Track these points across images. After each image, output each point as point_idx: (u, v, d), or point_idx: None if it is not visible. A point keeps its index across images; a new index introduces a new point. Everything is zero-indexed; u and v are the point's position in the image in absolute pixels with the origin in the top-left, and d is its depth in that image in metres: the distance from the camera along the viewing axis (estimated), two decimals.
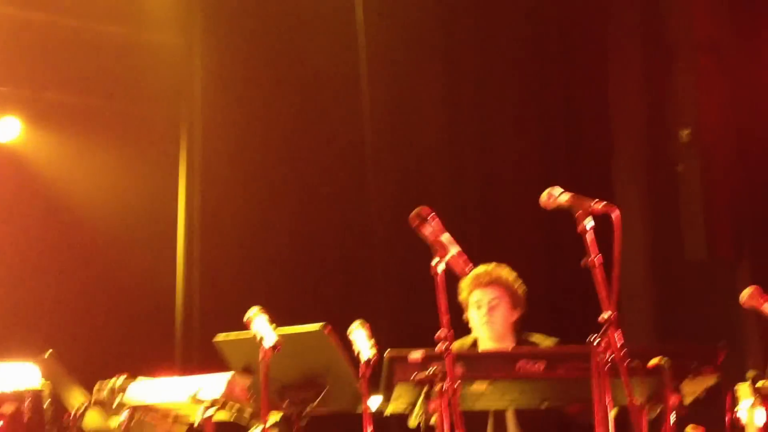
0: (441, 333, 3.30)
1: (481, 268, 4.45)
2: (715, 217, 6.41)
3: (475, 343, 4.51)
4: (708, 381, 3.82)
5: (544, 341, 4.48)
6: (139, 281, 6.77)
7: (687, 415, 3.73)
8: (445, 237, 3.32)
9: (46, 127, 6.99)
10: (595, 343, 3.13)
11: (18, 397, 4.58)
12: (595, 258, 3.17)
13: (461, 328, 4.46)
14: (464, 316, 4.52)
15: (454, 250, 3.31)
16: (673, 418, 3.57)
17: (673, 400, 3.59)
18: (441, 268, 3.31)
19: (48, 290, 6.55)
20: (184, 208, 6.76)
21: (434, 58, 6.89)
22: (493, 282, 4.42)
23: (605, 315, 3.12)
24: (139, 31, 6.98)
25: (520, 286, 4.52)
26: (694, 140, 6.50)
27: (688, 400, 3.74)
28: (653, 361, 3.58)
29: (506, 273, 4.50)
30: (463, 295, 4.49)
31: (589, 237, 3.21)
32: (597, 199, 3.28)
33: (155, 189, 7.02)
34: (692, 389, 3.80)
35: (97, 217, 6.96)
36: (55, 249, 6.77)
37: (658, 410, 3.69)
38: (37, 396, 4.61)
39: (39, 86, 6.88)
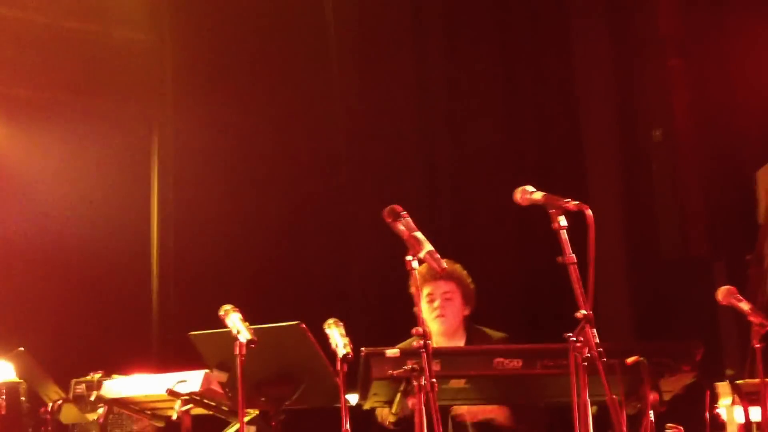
0: (417, 329, 3.29)
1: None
2: (690, 215, 6.46)
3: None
4: (686, 379, 3.84)
5: (494, 335, 4.49)
6: (114, 278, 6.71)
7: (666, 413, 3.75)
8: (419, 234, 3.32)
9: (16, 124, 6.91)
10: (572, 341, 3.13)
11: None
12: (569, 255, 3.18)
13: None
14: (414, 310, 4.48)
15: (427, 246, 3.30)
16: (651, 416, 3.58)
17: (651, 397, 3.60)
18: (415, 264, 3.31)
19: (21, 287, 6.47)
20: (157, 204, 6.72)
21: (405, 52, 6.89)
22: (446, 276, 4.40)
23: (581, 312, 3.12)
24: (109, 27, 6.94)
25: (471, 283, 4.52)
26: (667, 139, 6.54)
27: (666, 398, 3.76)
28: (631, 359, 3.60)
29: (459, 268, 4.50)
30: (413, 289, 4.46)
31: (563, 235, 3.22)
32: (570, 198, 3.29)
33: (128, 185, 6.96)
34: (670, 387, 3.82)
35: (70, 213, 6.90)
36: (28, 246, 6.69)
37: (637, 408, 3.71)
38: (13, 390, 4.58)
39: (9, 83, 6.81)
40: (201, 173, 6.66)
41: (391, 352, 3.64)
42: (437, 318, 4.47)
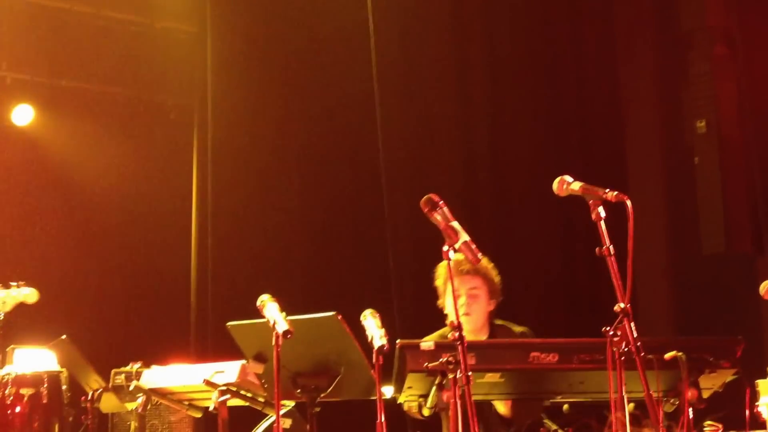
0: (452, 321, 3.27)
1: (460, 256, 4.35)
2: (733, 210, 6.34)
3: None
4: (726, 376, 3.77)
5: (515, 329, 4.44)
6: (154, 269, 6.80)
7: (705, 410, 3.69)
8: (455, 224, 3.29)
9: (60, 113, 7.01)
10: (609, 335, 3.08)
11: (37, 379, 4.63)
12: (608, 247, 3.12)
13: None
14: (438, 302, 4.46)
15: (464, 236, 3.27)
16: (690, 413, 3.52)
17: (690, 394, 3.54)
18: (452, 254, 3.28)
19: (64, 277, 6.58)
20: (197, 195, 6.76)
21: (445, 44, 6.84)
22: (473, 271, 4.34)
23: (620, 306, 3.07)
24: (151, 18, 6.99)
25: (497, 276, 4.46)
26: (711, 131, 6.42)
27: (706, 395, 3.69)
28: (670, 355, 3.54)
29: (485, 263, 4.43)
30: (439, 282, 4.43)
31: (602, 226, 3.16)
32: (610, 188, 3.23)
33: (168, 175, 7.04)
34: (710, 384, 3.75)
35: (112, 204, 6.99)
36: (71, 237, 6.80)
37: (676, 405, 3.65)
38: (55, 379, 4.65)
39: (53, 73, 6.90)
40: (240, 165, 6.69)
41: (427, 344, 3.63)
42: (463, 316, 4.41)
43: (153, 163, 7.11)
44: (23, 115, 6.88)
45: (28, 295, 4.60)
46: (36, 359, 4.73)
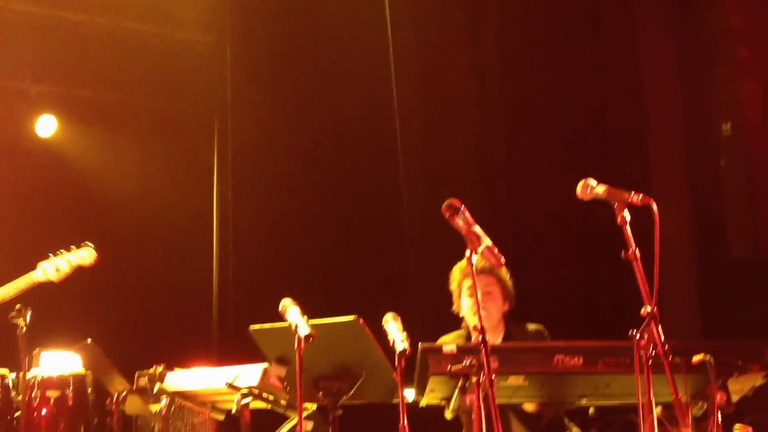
0: (476, 325, 3.24)
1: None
2: (760, 213, 6.25)
3: (468, 336, 4.39)
4: (755, 379, 3.71)
5: (529, 327, 4.40)
6: (176, 273, 6.82)
7: (734, 414, 3.63)
8: (477, 228, 3.26)
9: (82, 124, 7.07)
10: (636, 338, 3.04)
11: (62, 382, 4.67)
12: (634, 251, 3.08)
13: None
14: (453, 308, 4.43)
15: (487, 241, 3.24)
16: (719, 417, 3.47)
17: (718, 398, 3.49)
18: (474, 259, 3.25)
19: (88, 281, 6.60)
20: (217, 201, 6.80)
21: (462, 48, 6.82)
22: (487, 271, 4.31)
23: (646, 309, 3.02)
24: (170, 29, 7.03)
25: (510, 280, 4.43)
26: (736, 133, 6.34)
27: (735, 399, 3.64)
28: (697, 358, 3.49)
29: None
30: (453, 285, 4.40)
31: (627, 229, 3.13)
32: (634, 192, 3.20)
33: (189, 183, 7.07)
34: (739, 387, 3.70)
35: (134, 210, 7.03)
36: (95, 242, 6.82)
37: (704, 408, 3.59)
38: (80, 381, 4.68)
39: (75, 85, 6.96)
40: (259, 171, 6.72)
41: (449, 347, 3.60)
42: (478, 315, 4.37)
43: (174, 170, 7.14)
44: (47, 126, 6.94)
45: (85, 257, 4.60)
46: (61, 362, 4.76)
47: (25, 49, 6.70)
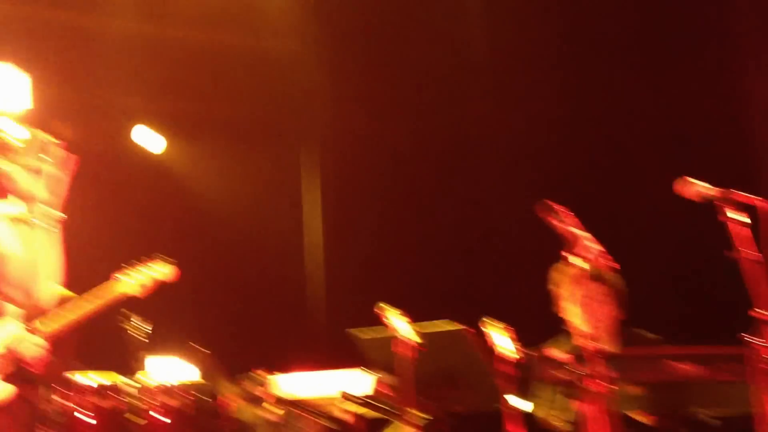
0: (587, 330, 3.17)
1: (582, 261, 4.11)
2: None
3: (575, 342, 4.25)
4: None
5: (648, 337, 4.23)
6: (272, 280, 6.94)
7: None
8: (576, 228, 3.18)
9: (178, 136, 7.29)
10: (752, 343, 2.90)
11: (177, 389, 4.81)
12: (742, 250, 2.94)
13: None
14: (557, 310, 4.29)
15: (586, 241, 3.16)
16: None
17: None
18: (574, 260, 3.17)
19: (190, 289, 6.79)
20: (307, 209, 6.88)
21: (552, 39, 6.63)
22: (597, 278, 4.16)
23: (759, 311, 2.88)
24: (259, 39, 7.14)
25: (623, 285, 4.26)
26: None
27: None
28: None
29: (609, 269, 4.20)
30: (555, 286, 4.25)
31: (733, 228, 2.99)
32: (737, 190, 3.05)
33: (281, 190, 7.18)
34: None
35: (231, 218, 7.19)
36: (195, 250, 7.01)
37: None
38: (199, 390, 4.82)
39: (170, 98, 7.18)
40: (348, 178, 6.76)
41: (558, 354, 3.54)
42: (588, 321, 4.25)
43: (267, 178, 7.27)
44: (148, 139, 7.19)
45: (165, 272, 4.71)
46: (172, 368, 4.91)
47: (126, 66, 6.92)
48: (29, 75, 6.21)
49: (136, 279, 4.46)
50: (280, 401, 4.42)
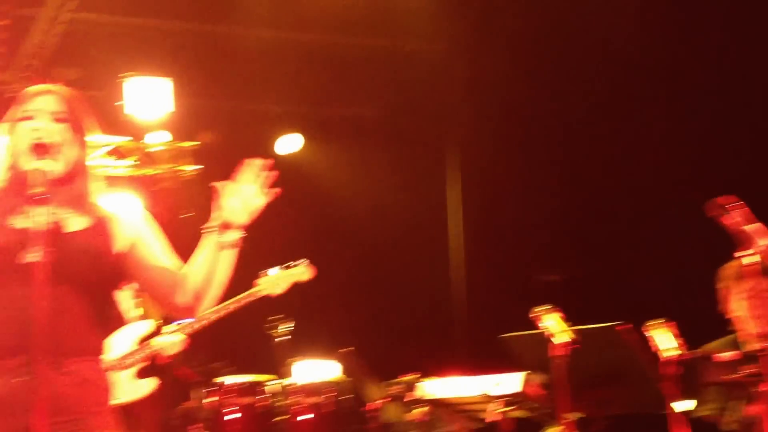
0: (758, 330, 3.01)
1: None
2: None
3: (735, 342, 4.03)
4: None
5: None
6: (417, 282, 6.93)
7: None
8: (754, 227, 3.02)
9: (318, 140, 7.37)
10: None
11: (322, 389, 4.86)
12: None
13: None
14: (725, 309, 4.07)
15: (759, 236, 2.99)
16: None
17: None
18: (748, 260, 3.01)
19: (343, 291, 6.85)
20: (450, 211, 6.84)
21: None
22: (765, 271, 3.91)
23: None
24: (398, 41, 7.15)
25: None
26: None
27: None
28: None
29: None
30: (722, 285, 4.02)
31: None
32: None
33: (423, 193, 7.17)
34: None
35: (374, 221, 7.22)
36: (343, 255, 7.09)
37: None
38: (339, 388, 4.85)
39: (309, 102, 7.27)
40: (491, 180, 6.69)
41: (725, 355, 3.38)
42: (758, 319, 4.03)
43: (408, 181, 7.28)
44: (291, 144, 7.30)
45: (303, 272, 4.75)
46: (319, 370, 4.97)
47: (266, 72, 7.06)
48: (172, 85, 6.47)
49: (274, 281, 4.55)
50: (428, 403, 4.39)
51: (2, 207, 2.12)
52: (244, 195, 2.13)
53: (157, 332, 4.15)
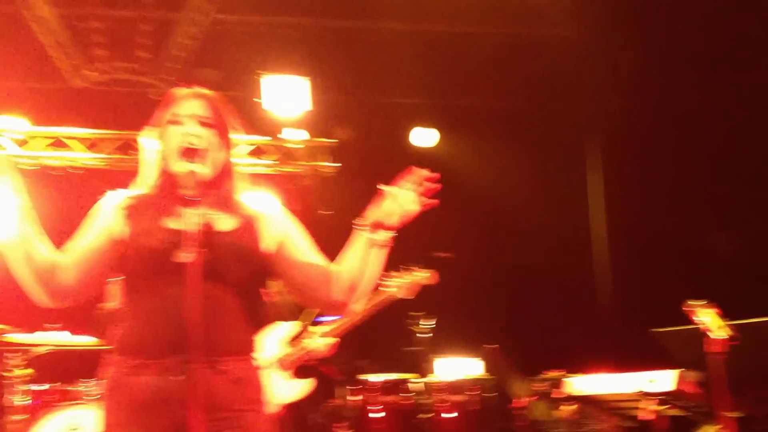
0: None
1: None
2: None
3: None
4: None
5: None
6: (563, 277, 6.76)
7: None
8: None
9: (456, 132, 7.30)
10: None
11: (465, 386, 4.82)
12: None
13: None
14: None
15: None
16: None
17: None
18: None
19: (477, 289, 6.77)
20: (591, 202, 6.64)
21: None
22: None
23: None
24: (533, 28, 6.96)
25: None
26: None
27: None
28: None
29: None
30: None
31: None
32: None
33: (562, 183, 6.98)
34: None
35: (513, 214, 7.09)
36: (479, 250, 7.00)
37: None
38: (485, 385, 4.81)
39: (446, 95, 7.20)
40: (633, 168, 6.44)
41: None
42: None
43: (547, 171, 7.11)
44: (425, 137, 7.26)
45: (425, 276, 4.71)
46: (461, 367, 4.93)
47: (401, 65, 7.02)
48: (309, 81, 6.55)
49: (400, 283, 4.55)
50: (577, 400, 4.27)
51: (155, 209, 2.17)
52: (402, 199, 2.11)
53: (303, 333, 4.20)
